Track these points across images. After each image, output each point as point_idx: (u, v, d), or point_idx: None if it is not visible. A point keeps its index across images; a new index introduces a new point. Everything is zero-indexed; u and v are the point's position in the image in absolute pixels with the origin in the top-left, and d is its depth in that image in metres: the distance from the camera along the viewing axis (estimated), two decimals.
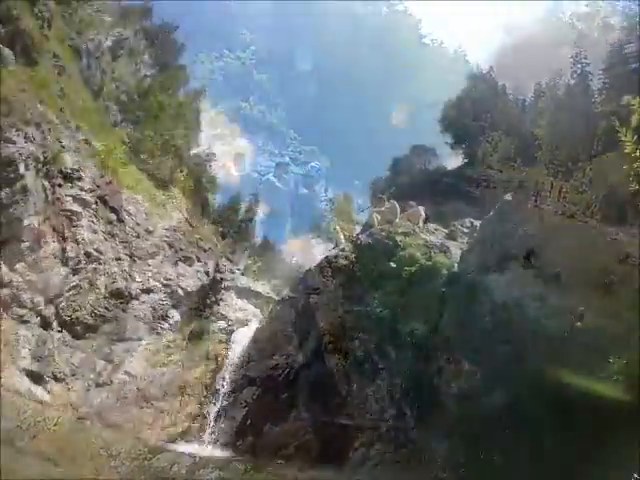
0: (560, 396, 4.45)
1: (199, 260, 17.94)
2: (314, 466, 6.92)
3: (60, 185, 13.25)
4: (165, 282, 14.50)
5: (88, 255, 12.86)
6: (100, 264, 12.97)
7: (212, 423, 8.92)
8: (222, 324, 12.86)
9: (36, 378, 9.19)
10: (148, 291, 13.73)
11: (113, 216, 15.21)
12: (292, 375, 8.55)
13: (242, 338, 11.18)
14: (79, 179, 14.18)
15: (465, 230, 10.02)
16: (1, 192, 10.44)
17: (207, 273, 16.91)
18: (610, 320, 5.00)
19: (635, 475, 3.62)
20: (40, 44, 14.71)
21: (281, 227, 57.97)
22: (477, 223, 9.18)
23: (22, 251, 11.02)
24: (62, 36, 18.28)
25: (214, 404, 9.31)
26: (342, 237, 14.16)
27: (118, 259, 13.89)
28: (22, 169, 10.94)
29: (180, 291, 14.63)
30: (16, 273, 10.66)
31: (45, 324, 10.61)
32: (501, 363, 5.78)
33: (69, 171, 13.71)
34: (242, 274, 18.90)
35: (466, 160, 28.72)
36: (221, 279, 15.46)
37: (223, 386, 9.72)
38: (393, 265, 8.25)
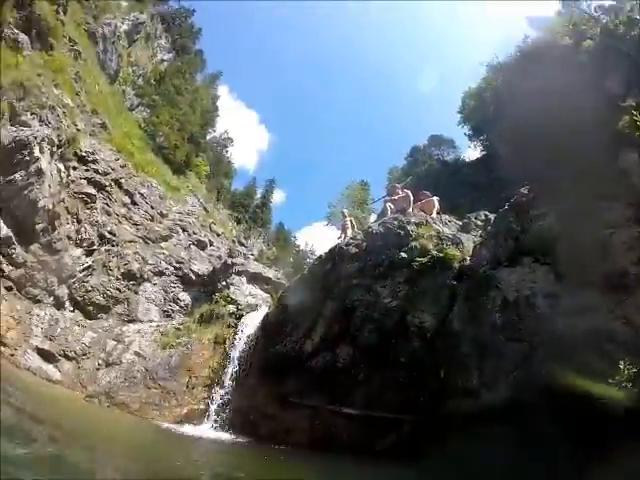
0: (566, 399, 4.23)
1: (212, 244, 18.02)
2: (318, 454, 6.79)
3: (75, 168, 13.33)
4: (177, 265, 14.55)
5: (102, 237, 12.95)
6: (113, 246, 13.05)
7: (217, 407, 8.84)
8: (232, 308, 12.78)
9: (48, 356, 9.30)
10: (160, 274, 13.79)
11: (127, 199, 15.30)
12: (299, 362, 8.37)
13: (251, 323, 11.08)
14: (94, 162, 14.26)
15: (479, 223, 9.70)
16: (16, 174, 10.51)
17: (219, 257, 16.96)
18: (623, 324, 4.80)
19: None
20: (56, 29, 14.71)
21: (297, 212, 57.82)
22: (492, 216, 8.78)
23: (37, 232, 11.11)
24: (78, 21, 18.29)
25: (220, 388, 9.24)
26: (349, 223, 13.89)
27: (131, 241, 13.97)
28: (37, 152, 10.97)
29: (192, 274, 14.66)
30: (30, 253, 10.76)
31: (58, 304, 10.73)
32: (509, 361, 5.61)
33: (84, 154, 13.79)
34: (256, 260, 18.93)
35: (485, 152, 28.00)
36: (233, 264, 15.38)
37: (230, 370, 9.68)
38: (404, 255, 7.96)
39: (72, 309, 10.92)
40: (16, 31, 12.68)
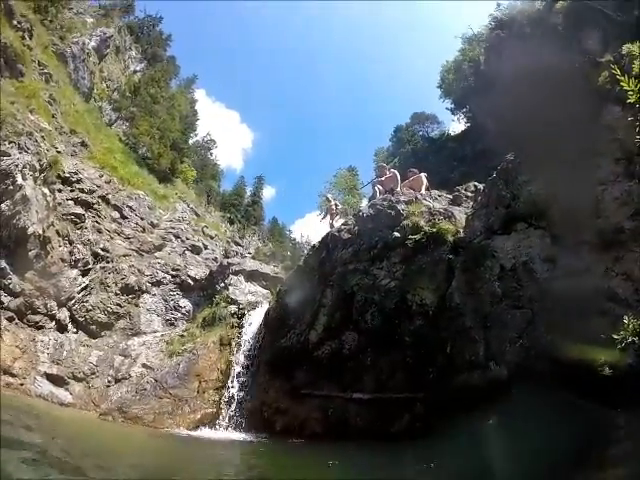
0: (572, 365, 4.17)
1: (206, 248, 17.87)
2: (334, 443, 6.67)
3: (60, 190, 13.11)
4: (174, 273, 14.41)
5: (95, 255, 12.76)
6: (108, 262, 12.88)
7: (229, 408, 8.80)
8: (233, 308, 12.71)
9: (57, 380, 9.19)
10: (158, 283, 13.65)
11: (116, 214, 15.09)
12: (306, 354, 8.27)
13: (254, 321, 11.03)
14: (78, 182, 14.03)
15: (469, 194, 9.51)
16: (2, 205, 10.29)
17: (215, 259, 16.84)
18: (623, 281, 4.69)
19: None
20: (24, 55, 14.42)
21: (289, 206, 57.51)
22: (481, 186, 8.54)
23: (30, 259, 10.92)
24: (45, 43, 17.90)
25: (230, 389, 9.18)
26: (334, 207, 13.84)
27: (125, 255, 13.80)
28: (20, 179, 10.75)
29: (189, 280, 14.53)
30: (26, 281, 10.59)
31: (61, 327, 10.59)
32: (513, 330, 5.49)
33: (68, 175, 13.56)
34: (253, 257, 18.79)
35: (469, 124, 27.77)
36: (229, 264, 15.27)
37: (238, 370, 9.62)
38: (397, 234, 7.83)
39: (75, 330, 10.78)
40: None
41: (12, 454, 3.38)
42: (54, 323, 10.47)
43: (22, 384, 8.53)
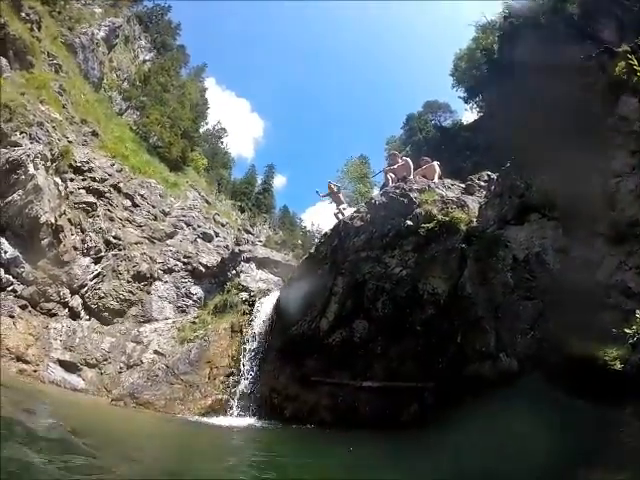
0: (582, 357, 3.95)
1: (218, 235, 17.75)
2: (343, 431, 6.59)
3: (72, 179, 13.06)
4: (185, 260, 14.32)
5: (107, 243, 12.71)
6: (120, 250, 12.82)
7: (240, 394, 8.69)
8: (244, 296, 12.58)
9: (70, 367, 9.18)
10: (170, 271, 13.58)
11: (128, 202, 15.02)
12: (317, 342, 8.18)
13: (265, 308, 10.89)
14: (90, 170, 13.96)
15: (482, 184, 9.22)
16: (14, 194, 10.28)
17: (226, 247, 16.72)
18: (636, 275, 4.48)
19: None
20: (33, 46, 14.34)
21: (300, 195, 57.13)
22: (494, 176, 8.29)
23: (43, 248, 10.91)
24: (54, 34, 17.75)
25: (241, 375, 9.09)
26: (335, 188, 13.58)
27: (137, 243, 13.73)
28: (32, 169, 10.73)
29: (201, 267, 14.44)
30: (39, 270, 10.57)
31: (73, 314, 10.58)
32: (524, 321, 5.33)
33: (79, 164, 13.50)
34: (264, 245, 18.66)
35: (481, 113, 27.03)
36: (240, 251, 15.14)
37: (249, 357, 9.51)
38: (409, 223, 7.62)
39: (88, 317, 10.76)
40: None
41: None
42: (67, 310, 10.46)
43: (35, 370, 8.53)
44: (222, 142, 40.77)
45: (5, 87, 11.40)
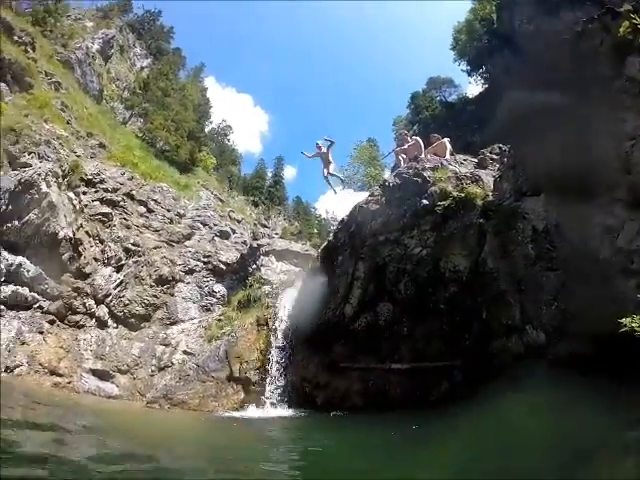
0: (610, 326, 3.70)
1: (234, 232, 17.68)
2: (376, 414, 6.46)
3: (85, 192, 13.11)
4: (205, 260, 14.30)
5: (127, 251, 12.74)
6: (140, 256, 12.85)
7: (271, 386, 8.68)
8: (267, 289, 12.53)
9: (102, 375, 9.27)
10: (191, 271, 13.58)
11: (143, 208, 15.01)
12: (342, 328, 8.08)
13: (288, 299, 10.79)
14: (102, 182, 14.00)
15: (495, 157, 8.92)
16: (30, 214, 10.33)
17: (244, 243, 16.64)
18: None
19: None
20: (29, 68, 14.32)
21: (312, 184, 56.64)
22: (506, 148, 8.03)
23: (64, 262, 10.98)
24: (49, 53, 17.69)
25: (271, 367, 9.05)
26: (328, 153, 12.07)
27: (156, 247, 13.75)
28: (44, 187, 10.77)
29: (221, 265, 14.41)
30: (63, 284, 10.66)
31: (101, 324, 10.67)
32: (548, 292, 5.19)
33: (90, 177, 13.54)
34: (281, 237, 18.52)
35: (486, 85, 26.08)
36: (258, 246, 15.05)
37: (277, 349, 9.45)
38: (425, 202, 7.46)
39: (115, 325, 10.85)
40: None
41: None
42: (94, 320, 10.56)
43: (69, 382, 8.63)
44: (228, 139, 40.65)
45: (8, 111, 11.43)
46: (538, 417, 3.99)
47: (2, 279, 9.51)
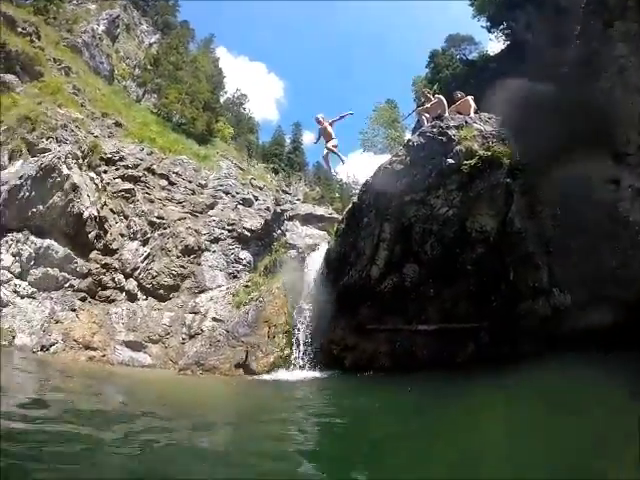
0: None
1: (257, 199, 17.13)
2: (403, 374, 6.17)
3: (106, 171, 12.80)
4: (230, 228, 13.91)
5: (152, 224, 12.43)
6: (165, 229, 12.52)
7: (300, 349, 8.39)
8: (293, 253, 12.08)
9: (135, 346, 9.12)
10: (216, 240, 13.22)
11: (164, 182, 14.58)
12: (369, 290, 7.70)
13: (314, 262, 10.33)
14: (121, 159, 13.63)
15: None
16: (54, 197, 10.12)
17: (268, 209, 16.13)
18: None
19: None
20: (37, 57, 13.86)
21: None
22: None
23: (91, 241, 10.78)
24: (55, 40, 17.05)
25: (299, 330, 8.73)
26: (329, 128, 10.58)
27: (180, 219, 13.37)
28: (65, 170, 10.53)
29: (246, 232, 14.01)
30: (91, 261, 10.49)
31: (131, 297, 10.48)
32: (576, 255, 4.93)
33: (110, 156, 13.20)
34: (303, 202, 17.93)
35: (508, 41, 23.75)
36: (282, 211, 14.54)
37: (305, 312, 9.10)
38: (451, 161, 6.94)
39: (145, 297, 10.65)
40: (0, 75, 11.91)
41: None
42: (124, 294, 10.39)
43: (104, 355, 8.52)
44: (244, 108, 39.44)
45: (20, 100, 11.12)
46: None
47: (32, 263, 9.39)
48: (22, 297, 8.88)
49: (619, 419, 2.69)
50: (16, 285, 8.88)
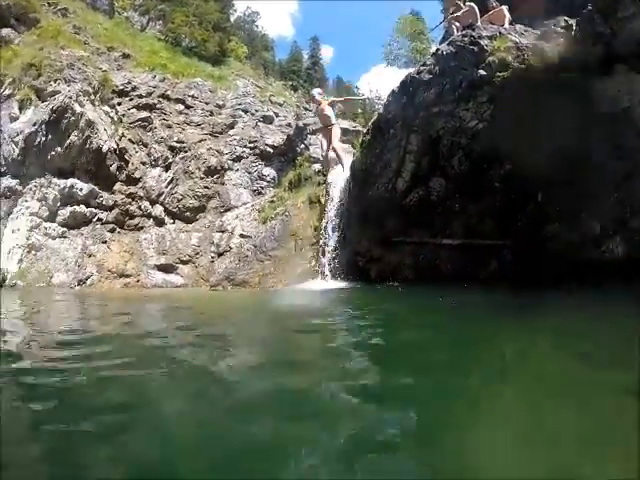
0: None
1: (277, 115, 15.95)
2: (427, 285, 5.90)
3: (119, 103, 12.18)
4: (251, 145, 13.14)
5: (172, 149, 11.89)
6: (186, 152, 11.99)
7: (327, 260, 7.93)
8: (317, 167, 11.29)
9: (167, 268, 9.03)
10: (238, 159, 12.54)
11: (180, 106, 13.74)
12: (395, 202, 7.18)
13: (339, 176, 9.48)
14: (134, 89, 12.89)
15: (560, 30, 6.94)
16: (71, 136, 9.75)
17: (289, 125, 15.02)
18: None
19: None
20: (30, 4, 12.63)
21: (352, 63, 50.27)
22: (573, 22, 6.36)
23: (113, 173, 10.41)
24: None
25: (325, 243, 8.21)
26: (327, 109, 8.67)
27: (201, 141, 12.72)
28: (78, 108, 10.08)
29: (268, 148, 13.19)
30: (116, 193, 10.21)
31: (158, 222, 10.26)
32: (610, 181, 4.40)
33: (121, 87, 12.52)
34: None
35: None
36: (304, 125, 13.42)
37: (330, 224, 8.46)
38: (483, 72, 6.26)
39: (172, 221, 10.41)
40: None
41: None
42: (151, 220, 10.17)
43: (138, 280, 8.49)
44: (257, 25, 36.11)
45: (21, 51, 10.41)
46: None
47: (58, 204, 9.17)
48: (53, 238, 8.80)
49: None
50: (46, 228, 8.77)
